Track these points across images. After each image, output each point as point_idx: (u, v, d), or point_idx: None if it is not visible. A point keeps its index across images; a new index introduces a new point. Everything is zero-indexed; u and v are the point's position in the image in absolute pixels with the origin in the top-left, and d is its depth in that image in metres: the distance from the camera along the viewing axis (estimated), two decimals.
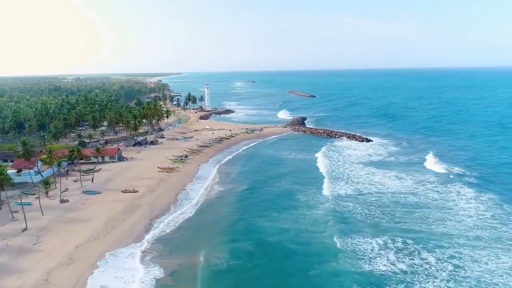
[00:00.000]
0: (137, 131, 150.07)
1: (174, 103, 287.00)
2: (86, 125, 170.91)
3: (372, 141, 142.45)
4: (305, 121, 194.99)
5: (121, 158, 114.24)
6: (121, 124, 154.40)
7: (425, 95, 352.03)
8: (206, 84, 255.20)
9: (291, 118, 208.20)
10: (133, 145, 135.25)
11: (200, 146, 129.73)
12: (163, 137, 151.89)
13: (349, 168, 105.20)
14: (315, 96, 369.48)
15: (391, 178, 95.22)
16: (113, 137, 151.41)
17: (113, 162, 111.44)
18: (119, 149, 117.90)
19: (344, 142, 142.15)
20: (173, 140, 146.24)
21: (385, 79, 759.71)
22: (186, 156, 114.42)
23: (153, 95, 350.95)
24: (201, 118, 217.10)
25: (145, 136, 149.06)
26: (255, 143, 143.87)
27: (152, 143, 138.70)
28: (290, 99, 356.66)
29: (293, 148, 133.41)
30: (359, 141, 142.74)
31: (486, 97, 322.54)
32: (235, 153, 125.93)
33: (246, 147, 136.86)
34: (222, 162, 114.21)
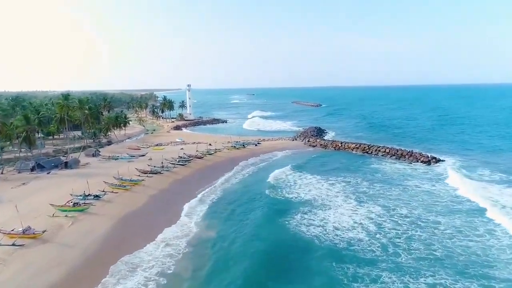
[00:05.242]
0: (32, 145, 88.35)
1: (149, 110, 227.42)
2: None
3: (443, 161, 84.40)
4: (323, 132, 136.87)
5: None
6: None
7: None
8: (188, 86, 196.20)
9: (290, 128, 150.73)
10: (31, 170, 76.92)
11: (143, 173, 71.07)
12: (98, 155, 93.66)
13: (455, 225, 46.65)
14: (321, 105, 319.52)
15: None
16: (16, 155, 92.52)
17: None
18: None
19: (394, 165, 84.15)
20: (109, 160, 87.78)
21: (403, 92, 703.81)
22: (97, 197, 55.48)
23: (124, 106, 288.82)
24: (176, 128, 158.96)
25: (62, 155, 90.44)
26: (246, 165, 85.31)
27: (66, 165, 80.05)
28: (294, 108, 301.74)
29: (320, 177, 74.72)
30: (422, 162, 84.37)
31: None
32: (205, 189, 66.82)
33: (229, 173, 78.01)
34: (169, 214, 54.24)
